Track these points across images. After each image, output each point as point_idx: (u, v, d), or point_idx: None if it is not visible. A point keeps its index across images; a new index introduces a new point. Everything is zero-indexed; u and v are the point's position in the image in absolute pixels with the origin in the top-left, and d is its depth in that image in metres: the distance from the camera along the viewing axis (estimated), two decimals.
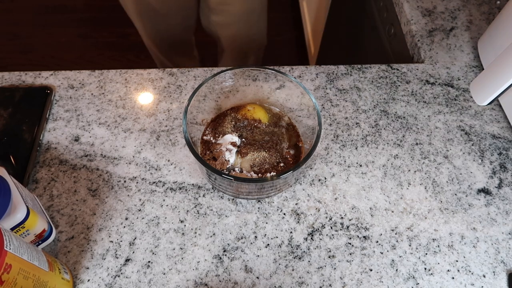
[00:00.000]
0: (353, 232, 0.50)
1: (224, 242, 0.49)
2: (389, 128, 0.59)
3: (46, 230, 0.46)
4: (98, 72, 0.62)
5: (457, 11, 0.73)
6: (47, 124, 0.57)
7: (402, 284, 0.47)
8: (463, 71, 0.65)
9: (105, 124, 0.57)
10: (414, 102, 0.61)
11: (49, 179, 0.52)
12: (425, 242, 0.50)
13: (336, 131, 0.58)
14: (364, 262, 0.48)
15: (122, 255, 0.48)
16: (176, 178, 0.53)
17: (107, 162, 0.54)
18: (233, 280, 0.47)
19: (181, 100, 0.60)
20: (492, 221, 0.51)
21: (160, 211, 0.51)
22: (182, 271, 0.47)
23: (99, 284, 0.46)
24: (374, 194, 0.53)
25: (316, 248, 0.49)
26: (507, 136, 0.59)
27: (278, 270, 0.47)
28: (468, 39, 0.69)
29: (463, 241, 0.50)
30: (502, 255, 0.49)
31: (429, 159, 0.56)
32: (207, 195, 0.52)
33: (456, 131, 0.59)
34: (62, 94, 0.60)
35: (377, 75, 0.64)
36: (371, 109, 0.60)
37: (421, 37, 0.69)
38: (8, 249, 0.34)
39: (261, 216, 0.51)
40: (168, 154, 0.55)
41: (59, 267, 0.43)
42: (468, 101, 0.62)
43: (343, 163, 0.55)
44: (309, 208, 0.51)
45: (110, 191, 0.52)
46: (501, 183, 0.54)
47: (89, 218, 0.50)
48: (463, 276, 0.48)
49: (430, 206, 0.52)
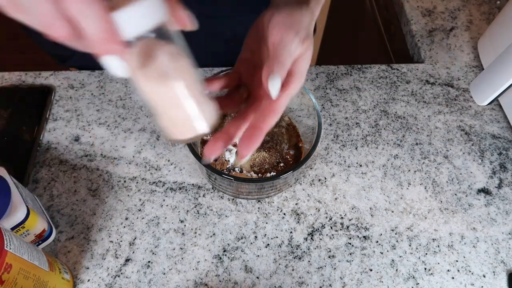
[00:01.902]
0: (353, 232, 0.50)
1: (224, 242, 0.49)
2: (389, 128, 0.59)
3: (46, 230, 0.46)
4: (98, 72, 0.62)
5: (457, 11, 0.73)
6: (47, 124, 0.57)
7: (402, 284, 0.47)
8: (463, 71, 0.65)
9: (105, 124, 0.57)
10: (414, 102, 0.61)
11: (49, 179, 0.52)
12: (425, 242, 0.50)
13: (336, 131, 0.58)
14: (364, 262, 0.48)
15: (122, 255, 0.48)
16: (176, 178, 0.53)
17: (107, 162, 0.54)
18: (233, 280, 0.47)
19: None
20: (492, 221, 0.51)
21: (160, 211, 0.51)
22: (182, 271, 0.47)
23: (99, 284, 0.46)
24: (374, 194, 0.53)
25: (316, 248, 0.49)
26: (507, 136, 0.59)
27: (278, 270, 0.47)
28: (468, 39, 0.69)
29: (463, 241, 0.50)
30: (502, 255, 0.49)
31: (429, 159, 0.56)
32: (207, 195, 0.52)
33: (456, 131, 0.59)
34: (62, 94, 0.60)
35: (377, 75, 0.64)
36: (371, 109, 0.60)
37: (421, 37, 0.69)
38: (9, 249, 0.34)
39: (261, 216, 0.51)
40: (168, 154, 0.55)
41: (59, 267, 0.43)
42: (468, 101, 0.62)
43: (343, 163, 0.55)
44: (309, 208, 0.51)
45: (110, 191, 0.52)
46: (501, 183, 0.54)
47: (89, 218, 0.50)
48: (463, 276, 0.48)
49: (430, 206, 0.52)
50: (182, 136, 0.31)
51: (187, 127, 0.31)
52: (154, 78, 0.27)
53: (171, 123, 0.30)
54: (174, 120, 0.30)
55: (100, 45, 0.23)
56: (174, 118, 0.30)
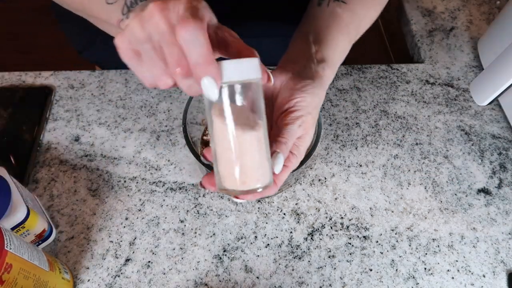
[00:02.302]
0: (353, 232, 0.50)
1: (224, 242, 0.49)
2: (389, 128, 0.59)
3: (46, 230, 0.46)
4: (98, 72, 0.62)
5: (457, 11, 0.73)
6: (47, 124, 0.57)
7: (402, 284, 0.47)
8: (463, 71, 0.65)
9: (105, 124, 0.57)
10: (414, 102, 0.61)
11: (49, 179, 0.52)
12: (425, 242, 0.50)
13: (336, 131, 0.58)
14: (364, 262, 0.48)
15: (122, 255, 0.48)
16: (176, 178, 0.53)
17: (107, 162, 0.54)
18: (233, 280, 0.47)
19: (181, 100, 0.60)
20: (492, 221, 0.51)
21: (160, 211, 0.51)
22: (182, 271, 0.47)
23: (99, 284, 0.46)
24: (374, 194, 0.53)
25: (316, 248, 0.49)
26: (507, 136, 0.59)
27: (278, 270, 0.47)
28: (468, 39, 0.69)
29: (463, 241, 0.50)
30: (502, 255, 0.49)
31: (429, 159, 0.56)
32: (207, 195, 0.52)
33: (456, 131, 0.59)
34: (62, 94, 0.60)
35: (377, 75, 0.64)
36: (371, 109, 0.60)
37: (421, 37, 0.69)
38: (9, 249, 0.34)
39: (261, 216, 0.51)
40: (168, 154, 0.55)
41: (59, 267, 0.43)
42: (468, 101, 0.62)
43: (343, 163, 0.55)
44: (309, 208, 0.51)
45: (110, 191, 0.52)
46: (501, 183, 0.54)
47: (89, 218, 0.50)
48: (463, 276, 0.48)
49: (430, 206, 0.52)
50: (243, 185, 0.33)
51: (252, 177, 0.33)
52: (242, 124, 0.31)
53: (240, 170, 0.32)
54: (244, 167, 0.32)
55: (202, 67, 0.28)
56: (245, 165, 0.32)
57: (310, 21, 0.43)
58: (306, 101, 0.36)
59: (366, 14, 0.46)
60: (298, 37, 0.42)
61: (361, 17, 0.45)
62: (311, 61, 0.39)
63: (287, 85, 0.37)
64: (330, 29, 0.42)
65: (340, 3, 0.43)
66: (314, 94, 0.37)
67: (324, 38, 0.41)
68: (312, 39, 0.41)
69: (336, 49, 0.41)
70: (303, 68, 0.38)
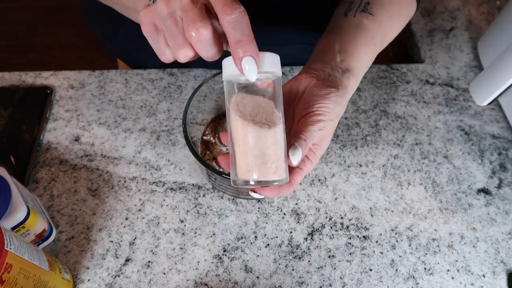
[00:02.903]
0: (353, 232, 0.50)
1: (224, 242, 0.49)
2: (389, 128, 0.59)
3: (46, 230, 0.46)
4: (98, 72, 0.62)
5: (457, 11, 0.73)
6: (47, 124, 0.57)
7: (402, 284, 0.47)
8: (463, 71, 0.65)
9: (105, 124, 0.57)
10: (414, 102, 0.61)
11: (49, 179, 0.52)
12: (425, 242, 0.50)
13: (336, 131, 0.58)
14: (364, 262, 0.48)
15: (122, 255, 0.48)
16: (176, 178, 0.53)
17: (107, 162, 0.54)
18: (233, 280, 0.47)
19: (181, 100, 0.60)
20: (492, 221, 0.51)
21: (160, 211, 0.51)
22: (182, 271, 0.47)
23: (99, 284, 0.46)
24: (374, 194, 0.53)
25: (316, 248, 0.49)
26: (507, 136, 0.59)
27: (278, 270, 0.47)
28: (468, 39, 0.69)
29: (463, 241, 0.50)
30: (502, 255, 0.49)
31: (429, 159, 0.56)
32: (207, 195, 0.52)
33: (456, 131, 0.59)
34: (62, 94, 0.60)
35: (377, 75, 0.64)
36: (371, 109, 0.60)
37: (421, 37, 0.69)
38: (9, 249, 0.34)
39: (261, 216, 0.51)
40: (168, 154, 0.55)
41: (59, 267, 0.43)
42: (468, 101, 0.62)
43: (343, 163, 0.55)
44: (309, 208, 0.51)
45: (110, 191, 0.52)
46: (501, 183, 0.54)
47: (89, 218, 0.50)
48: (463, 276, 0.48)
49: (430, 206, 0.52)
50: (259, 176, 0.33)
51: (268, 169, 0.33)
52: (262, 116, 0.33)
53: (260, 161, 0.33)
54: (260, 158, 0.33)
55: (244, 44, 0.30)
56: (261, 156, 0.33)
57: (336, 31, 0.43)
58: (329, 108, 0.36)
59: (392, 27, 0.46)
60: (324, 45, 0.42)
61: (387, 29, 0.45)
62: (336, 70, 0.39)
63: (310, 91, 0.37)
64: (356, 40, 0.41)
65: (368, 14, 0.43)
66: (337, 103, 0.37)
67: (349, 48, 0.41)
68: (337, 49, 0.41)
69: (361, 60, 0.41)
70: (327, 76, 0.38)
